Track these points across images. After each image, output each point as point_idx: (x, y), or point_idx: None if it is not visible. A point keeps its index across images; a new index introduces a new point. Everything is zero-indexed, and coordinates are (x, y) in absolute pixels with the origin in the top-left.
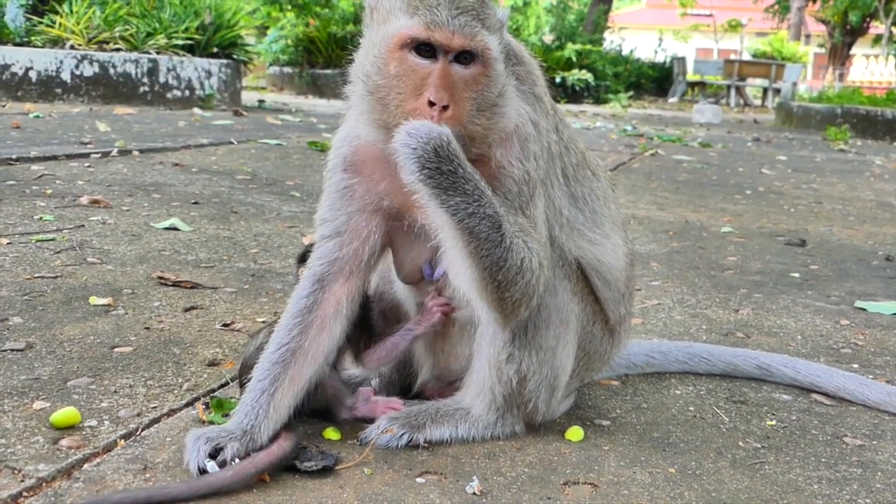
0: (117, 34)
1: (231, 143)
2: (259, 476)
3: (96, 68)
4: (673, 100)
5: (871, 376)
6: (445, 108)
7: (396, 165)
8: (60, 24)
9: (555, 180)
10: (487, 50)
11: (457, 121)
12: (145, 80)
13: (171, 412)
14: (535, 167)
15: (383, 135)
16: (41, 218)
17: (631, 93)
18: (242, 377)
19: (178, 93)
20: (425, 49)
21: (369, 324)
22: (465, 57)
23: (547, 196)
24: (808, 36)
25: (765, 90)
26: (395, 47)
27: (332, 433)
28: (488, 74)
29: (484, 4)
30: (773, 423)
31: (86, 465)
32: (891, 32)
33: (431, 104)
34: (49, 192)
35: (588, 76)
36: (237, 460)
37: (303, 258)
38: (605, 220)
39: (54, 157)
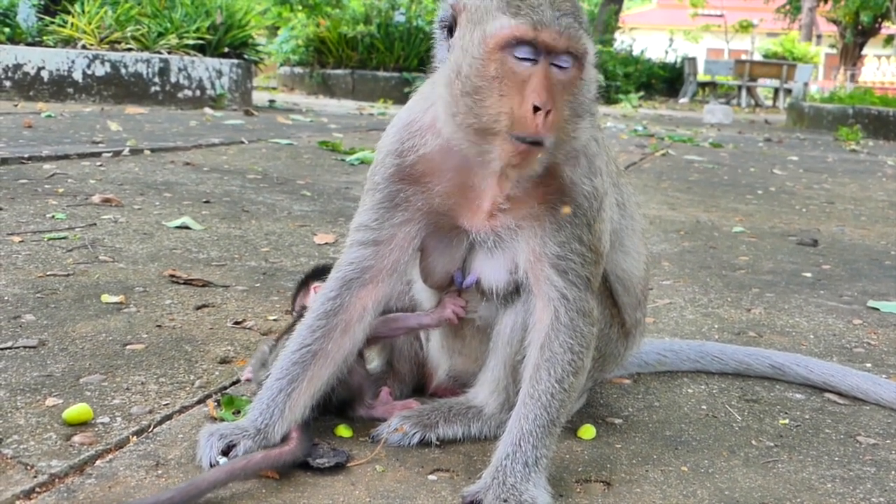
0: (129, 34)
1: (242, 142)
2: (260, 473)
3: (108, 68)
4: (684, 100)
5: (884, 375)
6: (548, 112)
7: (472, 168)
8: (72, 24)
9: (610, 189)
10: (587, 53)
11: (556, 127)
12: (156, 79)
13: (183, 409)
14: (602, 182)
15: (472, 137)
16: (53, 216)
17: (641, 93)
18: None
19: (189, 92)
20: (526, 51)
21: None
22: (564, 60)
23: (610, 203)
24: (819, 36)
25: (776, 90)
26: (496, 48)
27: (343, 430)
28: (584, 78)
29: (580, 8)
30: (786, 421)
31: (98, 462)
32: None
33: (536, 109)
34: (61, 190)
35: (598, 76)
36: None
37: (306, 282)
38: (637, 228)
39: (66, 156)
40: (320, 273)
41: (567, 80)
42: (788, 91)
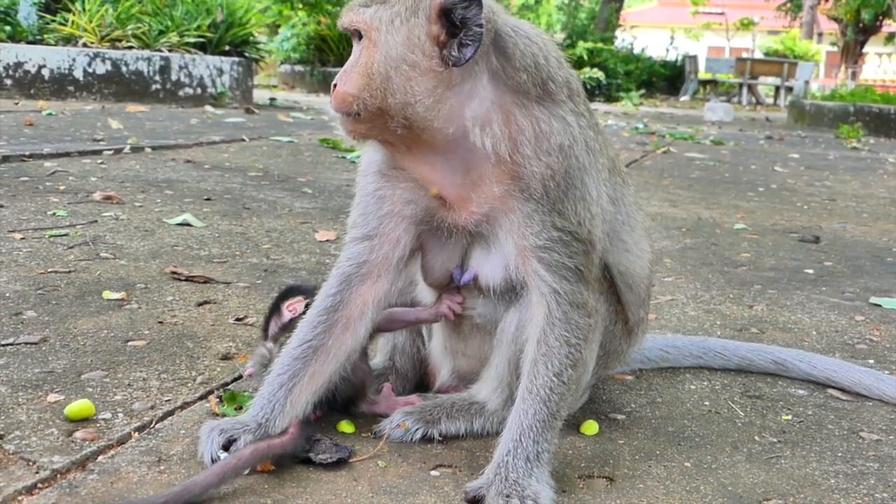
0: (129, 32)
1: (243, 140)
2: (255, 467)
3: (109, 66)
4: (684, 98)
5: (887, 371)
6: (335, 87)
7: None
8: (73, 22)
9: (599, 175)
10: (361, 24)
11: (341, 99)
12: (157, 77)
13: (185, 405)
14: (561, 160)
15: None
16: (54, 213)
17: (642, 91)
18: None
19: (189, 90)
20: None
21: None
22: (356, 37)
23: (596, 188)
24: (820, 34)
25: (777, 88)
26: None
27: (346, 426)
28: (370, 46)
29: None
30: (789, 417)
31: (100, 458)
32: None
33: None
34: (62, 188)
35: (599, 74)
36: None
37: (277, 305)
38: (638, 226)
39: (67, 154)
40: (290, 293)
41: (360, 52)
42: (789, 89)
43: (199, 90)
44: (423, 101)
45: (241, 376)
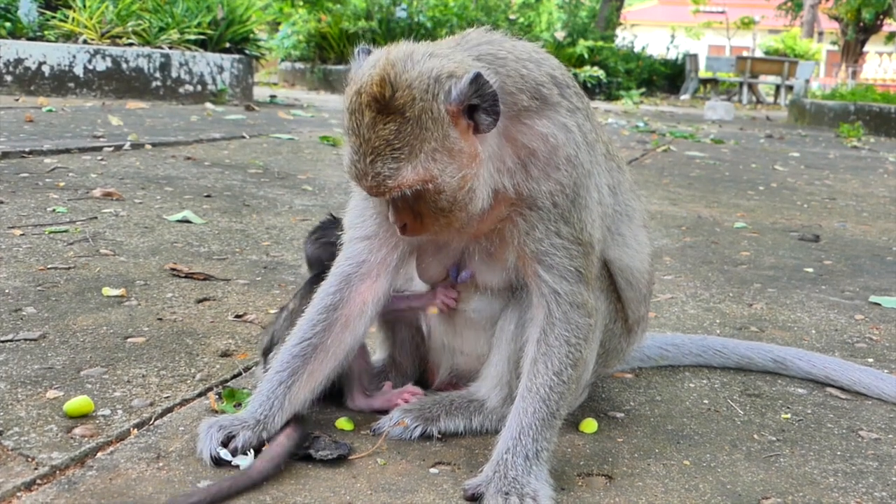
0: (130, 29)
1: (243, 137)
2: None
3: (109, 63)
4: (685, 97)
5: (886, 370)
6: (404, 227)
7: None
8: (73, 19)
9: (599, 168)
10: (416, 184)
11: (420, 232)
12: (158, 74)
13: (184, 402)
14: (569, 171)
15: None
16: (54, 210)
17: (643, 89)
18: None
19: (190, 87)
20: None
21: None
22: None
23: (598, 186)
24: (820, 33)
25: (777, 87)
26: None
27: (345, 423)
28: (428, 188)
29: (400, 129)
30: (788, 416)
31: (99, 454)
32: None
33: (400, 227)
34: (62, 184)
35: (600, 73)
36: (250, 452)
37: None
38: (636, 215)
39: (67, 151)
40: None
41: (413, 196)
42: (790, 88)
43: (199, 87)
44: (481, 190)
45: (240, 373)
